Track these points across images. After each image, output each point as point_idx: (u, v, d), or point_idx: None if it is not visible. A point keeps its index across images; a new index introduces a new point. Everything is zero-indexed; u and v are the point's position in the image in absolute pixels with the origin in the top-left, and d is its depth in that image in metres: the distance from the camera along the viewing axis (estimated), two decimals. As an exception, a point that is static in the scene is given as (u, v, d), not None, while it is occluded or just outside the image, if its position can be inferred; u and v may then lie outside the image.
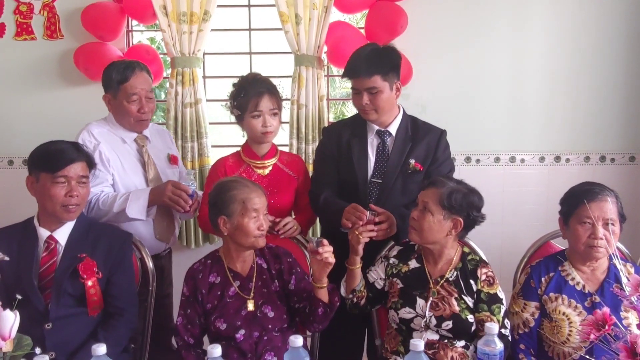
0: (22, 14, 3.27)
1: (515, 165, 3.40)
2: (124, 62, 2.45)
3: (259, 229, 2.00)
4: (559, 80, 3.33)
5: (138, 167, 2.45)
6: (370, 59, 2.27)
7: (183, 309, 2.04)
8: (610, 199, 1.95)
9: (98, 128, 2.43)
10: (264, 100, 2.35)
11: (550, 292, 1.99)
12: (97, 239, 2.08)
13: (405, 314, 2.01)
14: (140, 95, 2.39)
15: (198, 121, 3.21)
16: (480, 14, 3.29)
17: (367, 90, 2.27)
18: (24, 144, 3.30)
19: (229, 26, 3.57)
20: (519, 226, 3.37)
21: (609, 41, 3.30)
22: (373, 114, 2.32)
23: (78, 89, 3.31)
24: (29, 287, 1.91)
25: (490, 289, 1.99)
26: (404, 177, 2.33)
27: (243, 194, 2.01)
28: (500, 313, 1.97)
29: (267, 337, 1.99)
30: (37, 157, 2.02)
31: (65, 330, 1.95)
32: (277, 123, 2.42)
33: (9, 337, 1.20)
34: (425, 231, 1.99)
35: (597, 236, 1.93)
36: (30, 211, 2.16)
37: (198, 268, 2.09)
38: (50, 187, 1.98)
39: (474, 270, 2.02)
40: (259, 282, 2.05)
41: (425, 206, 1.99)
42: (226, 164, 2.46)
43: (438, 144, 2.38)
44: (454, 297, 1.98)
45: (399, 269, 2.10)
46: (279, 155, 2.50)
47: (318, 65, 3.18)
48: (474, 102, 3.35)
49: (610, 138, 3.37)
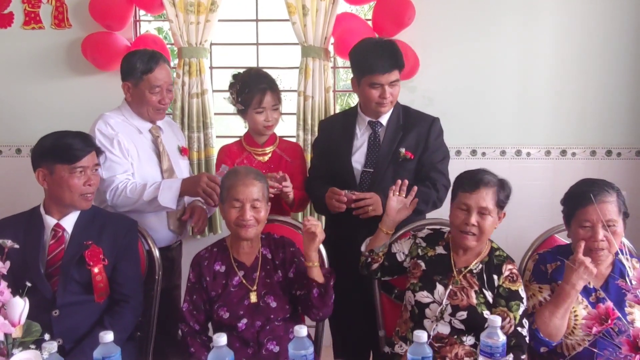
0: (30, 3, 3.28)
1: (521, 158, 3.40)
2: (147, 52, 2.44)
3: (240, 219, 2.00)
4: (566, 74, 3.32)
5: (153, 158, 2.47)
6: (396, 53, 2.35)
7: (189, 295, 2.06)
8: (610, 198, 1.93)
9: (113, 118, 2.44)
10: (267, 96, 2.48)
11: (558, 280, 1.97)
12: (103, 227, 2.11)
13: (422, 297, 2.01)
14: (163, 87, 2.43)
15: (204, 111, 3.23)
16: (488, 6, 3.28)
17: (390, 84, 2.34)
18: (32, 132, 3.29)
19: (236, 17, 3.58)
20: (524, 219, 3.34)
21: (617, 36, 3.28)
22: (389, 106, 2.39)
23: (85, 79, 3.33)
24: (36, 274, 1.93)
25: (512, 285, 1.98)
26: (395, 166, 2.37)
27: (229, 181, 2.05)
28: (519, 311, 1.93)
29: (270, 327, 2.01)
30: (49, 149, 2.02)
31: (72, 318, 1.98)
32: (278, 116, 2.56)
33: (18, 323, 1.22)
34: (486, 234, 2.00)
35: (597, 239, 1.92)
36: (38, 199, 2.18)
37: (204, 255, 2.11)
38: (69, 178, 2.00)
39: (499, 266, 2.01)
40: (262, 273, 2.07)
41: (482, 209, 1.97)
42: (229, 151, 2.61)
43: (429, 131, 2.40)
44: (473, 290, 1.97)
45: (426, 252, 2.11)
46: (277, 143, 2.62)
47: (325, 56, 3.18)
48: (480, 95, 3.35)
49: (616, 132, 3.37)
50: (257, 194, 2.03)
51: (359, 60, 2.37)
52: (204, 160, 3.26)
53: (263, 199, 2.05)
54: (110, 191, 2.31)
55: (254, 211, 2.02)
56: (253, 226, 2.02)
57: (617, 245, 1.92)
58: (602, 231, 1.92)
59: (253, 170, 2.12)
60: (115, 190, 2.31)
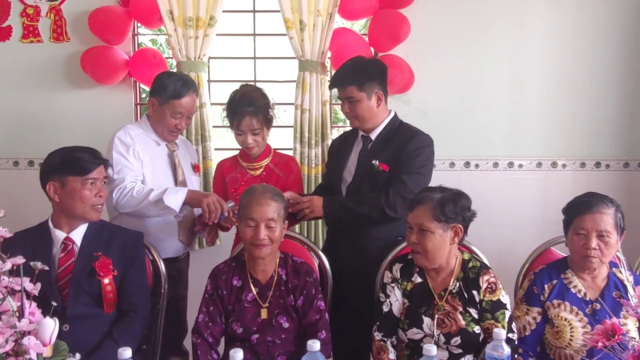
0: (28, 16, 3.30)
1: (513, 170, 3.48)
2: (181, 78, 2.52)
3: (254, 238, 2.02)
4: (556, 88, 3.41)
5: (168, 170, 2.54)
6: (347, 71, 2.45)
7: (205, 306, 2.08)
8: (608, 211, 2.00)
9: (134, 130, 2.51)
10: (245, 120, 2.51)
11: (553, 299, 2.04)
12: (111, 239, 2.15)
13: (413, 335, 2.00)
14: (184, 114, 2.49)
15: (202, 124, 3.26)
16: (480, 22, 3.36)
17: (346, 100, 2.42)
18: (30, 146, 3.37)
19: (234, 31, 3.62)
20: (515, 230, 3.45)
21: (605, 51, 3.38)
22: (355, 121, 2.47)
23: (84, 92, 3.35)
24: (49, 288, 1.96)
25: (493, 295, 1.96)
26: (370, 178, 2.43)
27: (245, 200, 2.08)
28: (505, 319, 1.95)
29: (281, 342, 2.05)
30: (60, 163, 2.07)
31: (81, 332, 1.99)
32: (261, 139, 2.59)
33: (49, 343, 1.26)
34: (430, 252, 1.96)
35: (590, 247, 1.99)
36: (36, 211, 2.23)
37: (223, 269, 2.14)
38: (81, 190, 2.06)
39: (475, 279, 1.99)
40: (277, 292, 2.08)
41: (421, 227, 1.96)
42: (224, 166, 2.71)
43: (407, 144, 2.40)
44: (459, 312, 1.96)
45: (405, 287, 2.07)
46: (272, 157, 2.66)
47: (322, 70, 3.23)
48: (474, 108, 3.42)
49: (605, 145, 3.45)
50: (271, 213, 2.04)
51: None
52: (202, 173, 3.29)
53: (278, 219, 2.06)
54: (118, 190, 2.34)
55: (269, 231, 2.03)
56: (267, 245, 2.03)
57: (610, 257, 2.00)
58: (595, 240, 1.98)
59: (270, 189, 2.13)
60: (122, 189, 2.34)
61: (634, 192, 3.43)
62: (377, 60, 2.68)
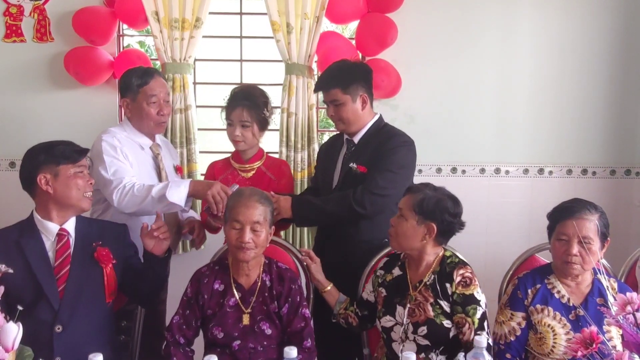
0: (12, 15, 3.25)
1: (500, 176, 3.47)
2: (141, 68, 2.54)
3: (238, 240, 1.98)
4: (543, 95, 3.41)
5: (153, 174, 2.51)
6: (331, 74, 2.45)
7: (182, 309, 2.05)
8: (591, 217, 1.98)
9: (119, 133, 2.46)
10: (236, 111, 2.54)
11: (536, 304, 2.03)
12: (101, 230, 2.13)
13: (386, 322, 2.04)
14: (159, 98, 2.47)
15: (187, 127, 3.22)
16: (468, 28, 3.36)
17: (331, 103, 2.43)
18: (11, 147, 3.31)
19: (220, 33, 3.59)
20: (502, 236, 3.44)
21: (592, 59, 3.39)
22: (340, 124, 2.46)
23: (68, 93, 3.30)
24: (47, 282, 1.93)
25: (466, 290, 1.95)
26: (350, 180, 2.41)
27: (232, 202, 2.05)
28: (476, 315, 1.93)
29: (263, 349, 2.01)
30: (48, 154, 2.02)
31: (74, 334, 1.94)
32: (250, 135, 2.56)
33: (12, 349, 1.21)
34: (399, 236, 2.02)
35: (571, 253, 1.97)
36: (18, 213, 2.13)
37: (205, 272, 2.10)
38: (75, 177, 2.03)
39: (450, 273, 1.98)
40: (260, 298, 2.05)
41: (401, 212, 2.03)
42: (215, 167, 2.70)
43: (383, 145, 2.38)
44: (429, 303, 1.97)
45: (384, 278, 2.12)
46: (264, 160, 2.66)
47: (308, 74, 3.21)
48: (461, 114, 3.41)
49: (592, 152, 3.46)
50: (257, 216, 2.00)
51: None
52: (187, 175, 3.25)
53: (264, 222, 2.02)
54: (117, 190, 2.27)
55: (254, 234, 1.99)
56: (251, 249, 1.99)
57: (592, 263, 1.98)
58: (577, 246, 1.97)
59: (258, 192, 2.09)
60: (122, 189, 2.27)
61: (620, 199, 3.43)
62: (361, 63, 2.68)
